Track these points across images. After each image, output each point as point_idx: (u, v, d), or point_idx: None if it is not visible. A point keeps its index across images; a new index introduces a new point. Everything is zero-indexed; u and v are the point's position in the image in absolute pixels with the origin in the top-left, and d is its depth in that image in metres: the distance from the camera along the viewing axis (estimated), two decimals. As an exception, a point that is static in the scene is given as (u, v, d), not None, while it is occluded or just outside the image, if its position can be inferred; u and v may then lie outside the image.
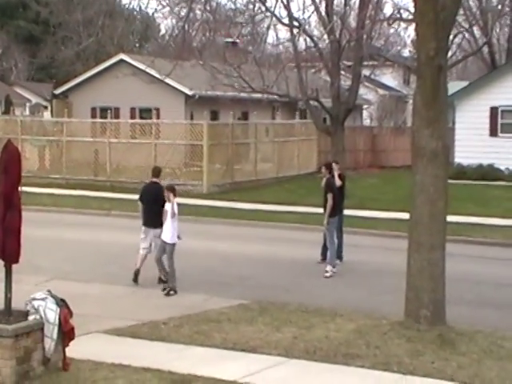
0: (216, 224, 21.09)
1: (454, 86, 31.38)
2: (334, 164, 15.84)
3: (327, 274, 14.54)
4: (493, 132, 32.99)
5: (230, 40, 35.87)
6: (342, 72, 29.06)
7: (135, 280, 13.63)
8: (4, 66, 66.78)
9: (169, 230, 13.05)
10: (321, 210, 15.46)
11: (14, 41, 63.48)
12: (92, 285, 13.50)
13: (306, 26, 27.57)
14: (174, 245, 13.10)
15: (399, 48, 42.54)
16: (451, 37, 24.13)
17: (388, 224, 20.63)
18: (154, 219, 13.66)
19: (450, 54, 32.62)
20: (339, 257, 15.63)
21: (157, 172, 14.50)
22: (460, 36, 38.79)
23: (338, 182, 15.60)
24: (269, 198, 25.51)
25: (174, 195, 13.21)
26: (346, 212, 22.87)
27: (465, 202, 24.27)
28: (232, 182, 28.72)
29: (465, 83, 38.13)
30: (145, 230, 13.95)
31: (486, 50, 40.67)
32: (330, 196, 14.85)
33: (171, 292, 12.92)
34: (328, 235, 14.94)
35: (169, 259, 13.04)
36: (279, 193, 27.14)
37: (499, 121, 32.92)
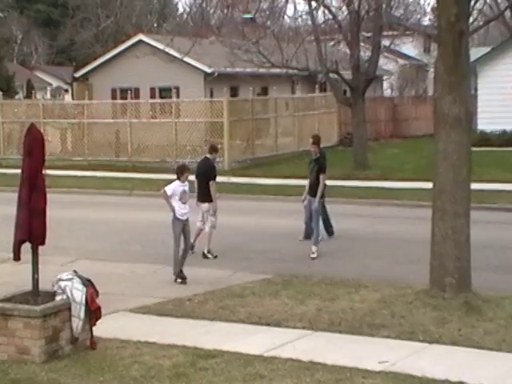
0: (238, 200, 21.09)
1: (475, 53, 30.95)
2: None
3: (314, 255, 13.94)
4: (516, 97, 32.53)
5: (248, 16, 35.62)
6: (362, 43, 28.80)
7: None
8: (24, 51, 67.06)
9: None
10: (340, 183, 15.29)
11: (34, 25, 63.71)
12: (116, 264, 13.57)
13: (324, -2, 27.29)
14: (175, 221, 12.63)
15: (419, 16, 42.05)
16: (472, 2, 23.72)
17: (411, 194, 20.50)
18: (201, 194, 14.08)
19: (471, 19, 32.17)
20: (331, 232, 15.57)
21: (209, 149, 15.07)
22: (481, 1, 38.13)
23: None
24: (290, 172, 25.45)
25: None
26: (369, 183, 22.94)
27: (489, 168, 24.06)
28: (253, 157, 28.68)
29: (487, 49, 37.62)
30: (197, 204, 14.18)
31: (508, 14, 40.03)
32: (322, 177, 14.43)
33: (177, 280, 12.22)
34: (316, 216, 14.37)
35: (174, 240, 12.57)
36: (300, 167, 26.89)
37: (523, 85, 32.45)
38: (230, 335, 9.27)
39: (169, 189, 12.65)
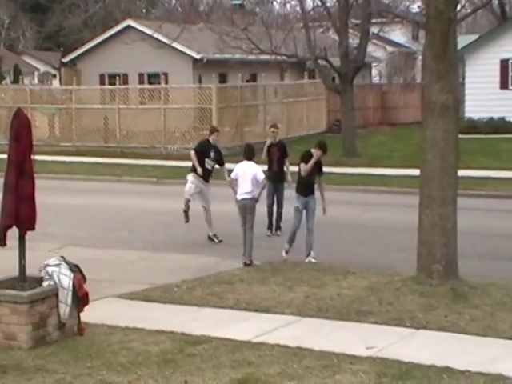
0: (225, 187, 21.00)
1: (463, 40, 30.97)
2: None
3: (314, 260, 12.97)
4: (503, 85, 32.69)
5: (237, 2, 35.52)
6: (350, 30, 28.79)
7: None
8: (12, 36, 66.65)
9: None
10: (329, 170, 15.12)
11: (21, 10, 63.27)
12: (104, 250, 13.56)
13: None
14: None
15: (408, 4, 41.93)
16: (460, -11, 23.76)
17: (399, 181, 20.57)
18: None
19: (459, 7, 32.13)
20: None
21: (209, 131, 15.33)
22: (469, -11, 38.11)
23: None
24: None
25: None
26: (358, 170, 22.98)
27: (476, 155, 24.16)
28: (242, 144, 28.58)
29: (474, 37, 37.67)
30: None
31: (495, 2, 40.06)
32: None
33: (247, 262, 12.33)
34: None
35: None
36: (289, 153, 27.01)
37: (510, 73, 32.61)
38: (218, 321, 9.29)
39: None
